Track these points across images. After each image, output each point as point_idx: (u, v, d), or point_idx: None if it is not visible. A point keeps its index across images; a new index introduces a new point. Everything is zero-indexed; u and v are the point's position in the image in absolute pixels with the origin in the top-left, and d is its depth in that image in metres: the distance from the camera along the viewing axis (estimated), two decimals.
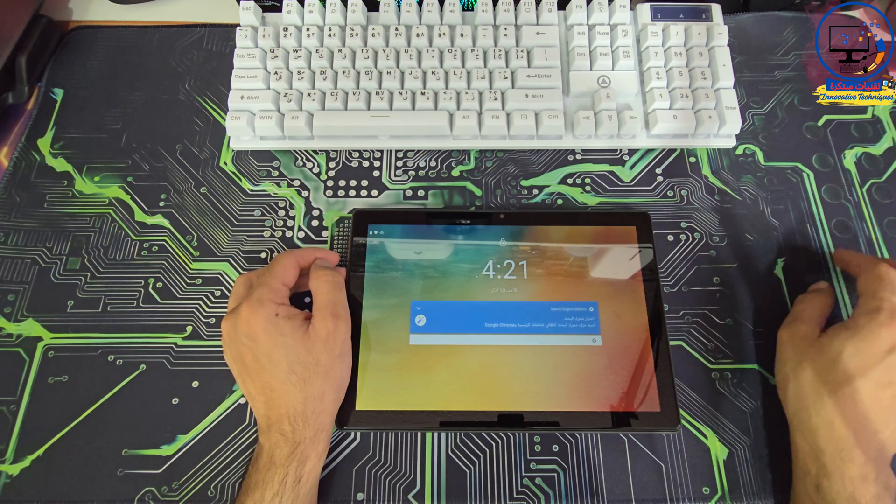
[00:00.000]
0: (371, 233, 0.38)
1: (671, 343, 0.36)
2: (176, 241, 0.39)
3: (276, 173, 0.42)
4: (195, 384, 0.36)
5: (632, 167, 0.42)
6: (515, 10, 0.42)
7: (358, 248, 0.37)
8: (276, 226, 0.40)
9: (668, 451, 0.34)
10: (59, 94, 0.44)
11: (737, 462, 0.34)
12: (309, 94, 0.40)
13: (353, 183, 0.41)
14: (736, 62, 0.44)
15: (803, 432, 0.30)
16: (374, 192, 0.41)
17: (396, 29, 0.42)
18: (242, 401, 0.35)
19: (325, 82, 0.40)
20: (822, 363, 0.30)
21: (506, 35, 0.42)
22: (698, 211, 0.40)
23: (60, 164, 0.42)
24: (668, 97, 0.41)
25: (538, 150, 0.42)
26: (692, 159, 0.42)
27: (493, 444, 0.34)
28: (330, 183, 0.41)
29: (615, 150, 0.42)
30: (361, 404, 0.34)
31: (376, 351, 0.35)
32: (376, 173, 0.42)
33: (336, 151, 0.42)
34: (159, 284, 0.38)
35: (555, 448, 0.34)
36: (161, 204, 0.41)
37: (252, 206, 0.41)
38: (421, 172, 0.42)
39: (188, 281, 0.38)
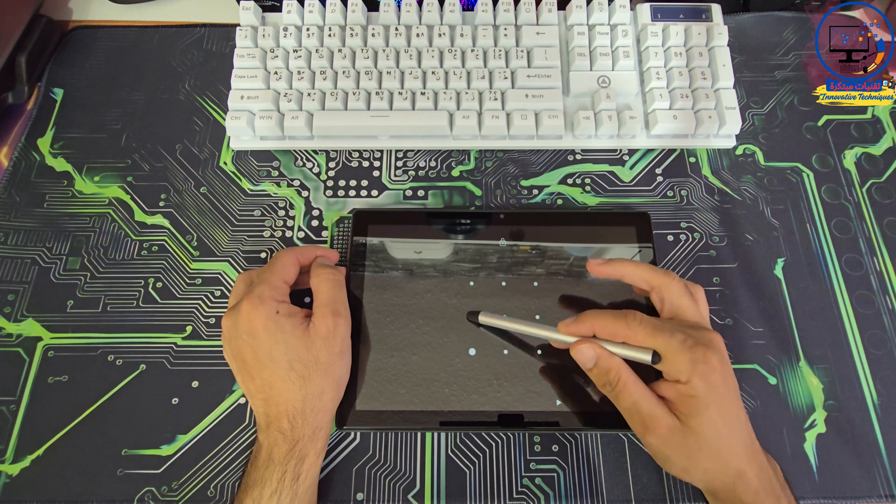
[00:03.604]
0: (371, 232, 0.38)
1: None
2: (176, 241, 0.39)
3: (276, 173, 0.42)
4: (195, 384, 0.36)
5: (632, 167, 0.42)
6: (515, 10, 0.42)
7: (358, 247, 0.37)
8: (276, 226, 0.40)
9: None
10: (59, 93, 0.44)
11: None
12: (309, 94, 0.40)
13: (353, 183, 0.41)
14: (736, 62, 0.44)
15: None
16: (374, 192, 0.41)
17: (396, 29, 0.42)
18: (242, 401, 0.35)
19: (325, 82, 0.40)
20: (706, 445, 0.28)
21: (506, 35, 0.42)
22: (698, 211, 0.40)
23: (60, 164, 0.42)
24: (668, 97, 0.41)
25: (538, 150, 0.42)
26: (692, 159, 0.42)
27: (493, 444, 0.34)
28: (330, 183, 0.41)
29: (615, 150, 0.42)
30: (361, 404, 0.34)
31: (376, 350, 0.35)
32: (376, 173, 0.42)
33: (336, 151, 0.42)
34: (159, 284, 0.38)
35: (555, 448, 0.34)
36: (161, 204, 0.41)
37: (252, 206, 0.41)
38: (421, 172, 0.42)
39: (188, 281, 0.38)
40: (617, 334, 0.30)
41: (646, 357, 0.29)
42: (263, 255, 0.39)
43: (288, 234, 0.40)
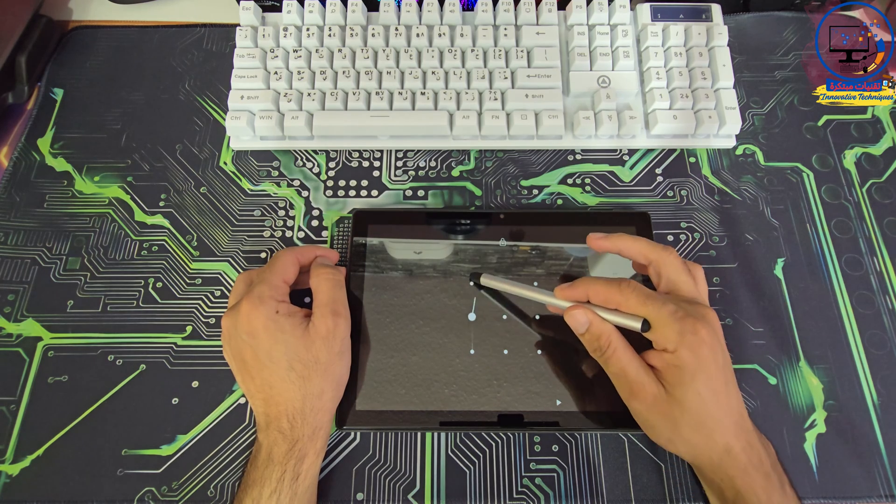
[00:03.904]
0: (371, 232, 0.38)
1: None
2: (176, 241, 0.39)
3: (276, 173, 0.42)
4: (195, 384, 0.36)
5: (632, 167, 0.42)
6: (515, 10, 0.42)
7: (358, 248, 0.37)
8: (275, 226, 0.40)
9: (668, 452, 0.34)
10: (59, 93, 0.44)
11: None
12: (309, 94, 0.40)
13: (353, 183, 0.41)
14: (736, 62, 0.44)
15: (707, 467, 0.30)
16: (374, 192, 0.41)
17: (396, 29, 0.42)
18: (242, 401, 0.35)
19: (325, 82, 0.40)
20: (690, 416, 0.28)
21: (506, 35, 0.42)
22: (698, 211, 0.40)
23: (60, 164, 0.42)
24: (668, 97, 0.41)
25: (538, 150, 0.42)
26: (692, 159, 0.42)
27: (493, 444, 0.34)
28: (330, 183, 0.41)
29: (615, 150, 0.42)
30: (361, 404, 0.34)
31: (376, 351, 0.35)
32: (376, 173, 0.42)
33: (336, 151, 0.42)
34: (159, 284, 0.38)
35: (555, 448, 0.34)
36: (161, 204, 0.41)
37: (252, 206, 0.41)
38: (421, 172, 0.42)
39: (188, 281, 0.38)
40: (610, 300, 0.30)
41: (636, 324, 0.29)
42: (263, 255, 0.39)
43: (288, 234, 0.40)
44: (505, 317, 0.36)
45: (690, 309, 0.29)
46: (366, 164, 0.42)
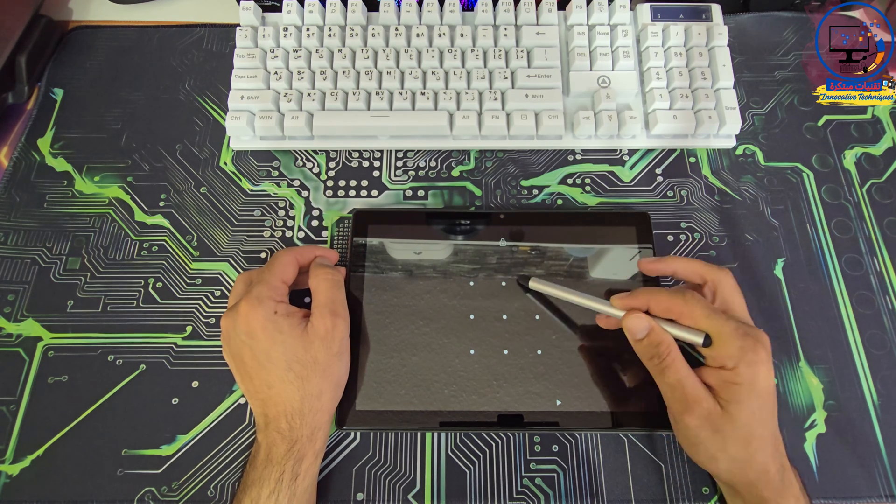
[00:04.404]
0: (371, 233, 0.38)
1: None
2: (176, 241, 0.39)
3: (276, 173, 0.42)
4: (195, 384, 0.36)
5: (632, 167, 0.42)
6: (515, 10, 0.42)
7: (358, 248, 0.37)
8: (275, 226, 0.40)
9: (667, 452, 0.34)
10: (59, 94, 0.44)
11: None
12: (309, 94, 0.40)
13: (353, 183, 0.41)
14: (736, 62, 0.44)
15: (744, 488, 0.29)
16: (374, 192, 0.41)
17: (396, 29, 0.42)
18: (242, 401, 0.35)
19: (325, 82, 0.40)
20: (740, 433, 0.28)
21: (506, 35, 0.42)
22: (698, 211, 0.40)
23: (60, 164, 0.42)
24: (668, 97, 0.41)
25: (538, 151, 0.42)
26: (692, 159, 0.42)
27: (493, 444, 0.34)
28: (330, 183, 0.41)
29: (615, 151, 0.42)
30: (361, 404, 0.34)
31: (376, 351, 0.35)
32: (376, 173, 0.42)
33: (336, 151, 0.42)
34: (159, 284, 0.38)
35: (555, 448, 0.34)
36: (161, 204, 0.41)
37: (252, 206, 0.41)
38: (421, 172, 0.42)
39: (188, 281, 0.38)
40: (672, 310, 0.30)
41: (697, 339, 0.29)
42: (263, 255, 0.39)
43: (288, 234, 0.40)
44: (505, 317, 0.36)
45: (749, 329, 0.29)
46: (366, 164, 0.42)
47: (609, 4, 0.43)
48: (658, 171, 0.41)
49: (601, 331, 0.34)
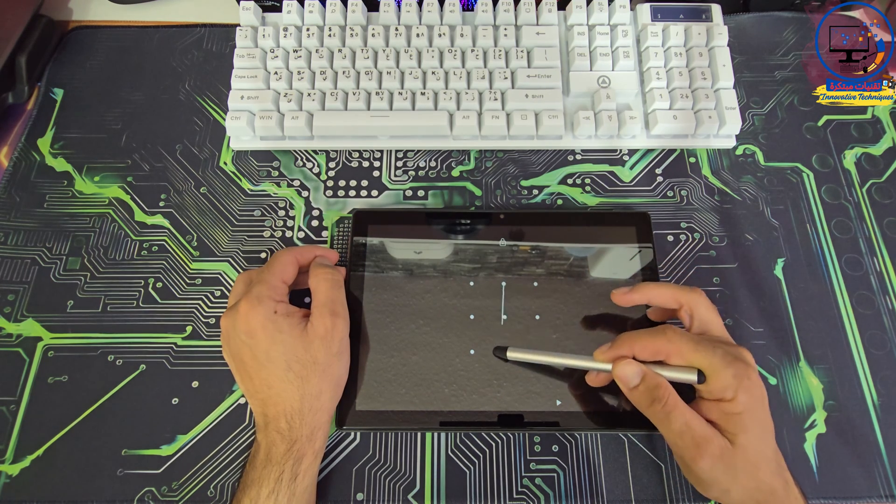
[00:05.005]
0: (371, 233, 0.38)
1: None
2: (176, 241, 0.39)
3: (276, 173, 0.42)
4: (195, 384, 0.36)
5: (632, 167, 0.42)
6: (515, 10, 0.42)
7: (358, 248, 0.37)
8: (275, 226, 0.40)
9: (668, 452, 0.34)
10: (59, 94, 0.44)
11: None
12: (309, 94, 0.40)
13: (353, 183, 0.41)
14: (736, 62, 0.44)
15: None
16: (374, 193, 0.41)
17: (396, 29, 0.42)
18: (242, 401, 0.35)
19: (325, 82, 0.40)
20: (750, 462, 0.28)
21: (506, 35, 0.42)
22: (698, 211, 0.40)
23: (60, 164, 0.42)
24: (668, 97, 0.41)
25: (538, 151, 0.42)
26: (692, 159, 0.42)
27: (493, 444, 0.34)
28: (330, 183, 0.41)
29: (615, 151, 0.42)
30: (361, 404, 0.34)
31: (376, 351, 0.35)
32: (376, 173, 0.42)
33: (336, 151, 0.42)
34: (159, 284, 0.38)
35: (555, 448, 0.34)
36: (161, 204, 0.41)
37: (252, 206, 0.41)
38: (421, 172, 0.42)
39: (188, 281, 0.38)
40: (660, 351, 0.29)
41: (692, 377, 0.28)
42: (263, 255, 0.39)
43: (288, 234, 0.40)
44: (505, 317, 0.36)
45: (733, 351, 0.29)
46: (366, 164, 0.42)
47: (609, 4, 0.43)
48: (658, 171, 0.41)
49: (601, 331, 0.34)
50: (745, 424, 0.28)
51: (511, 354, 0.34)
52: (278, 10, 0.44)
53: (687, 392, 0.29)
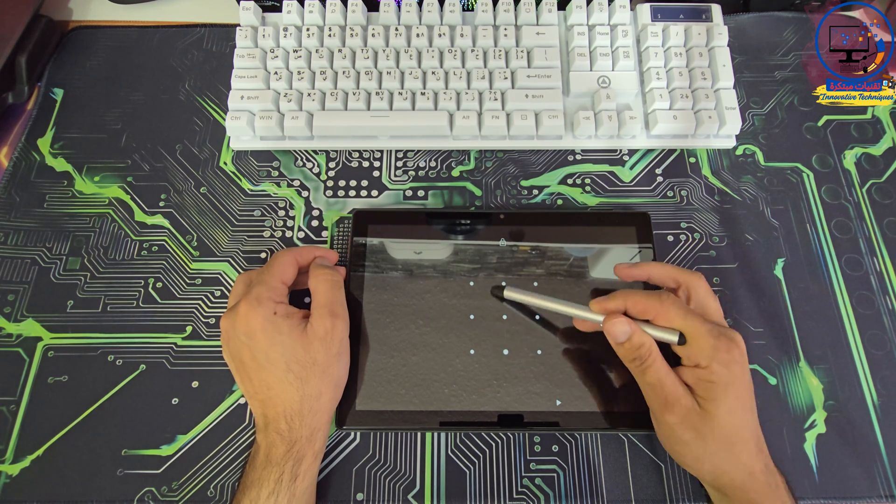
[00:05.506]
0: (371, 233, 0.38)
1: None
2: (176, 241, 0.39)
3: (276, 173, 0.42)
4: (195, 384, 0.36)
5: (632, 167, 0.42)
6: (515, 10, 0.42)
7: (358, 248, 0.37)
8: (276, 226, 0.40)
9: (667, 452, 0.34)
10: (59, 94, 0.44)
11: None
12: (309, 94, 0.40)
13: (353, 183, 0.41)
14: (736, 62, 0.44)
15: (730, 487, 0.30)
16: (374, 193, 0.41)
17: (396, 29, 0.42)
18: (242, 401, 0.35)
19: (325, 82, 0.40)
20: (720, 432, 0.28)
21: (506, 35, 0.42)
22: (698, 211, 0.40)
23: (60, 164, 0.42)
24: (668, 97, 0.41)
25: (538, 151, 0.42)
26: (692, 160, 0.42)
27: (493, 444, 0.34)
28: (330, 183, 0.41)
29: (615, 151, 0.42)
30: (361, 404, 0.34)
31: (376, 351, 0.35)
32: (376, 173, 0.42)
33: (336, 151, 0.42)
34: (159, 284, 0.38)
35: (555, 448, 0.34)
36: (161, 204, 0.41)
37: (252, 206, 0.41)
38: (421, 172, 0.42)
39: (188, 281, 0.38)
40: (649, 311, 0.30)
41: (672, 338, 0.30)
42: (263, 255, 0.39)
43: (288, 234, 0.40)
44: (505, 317, 0.36)
45: (724, 330, 0.30)
46: (366, 164, 0.42)
47: (609, 4, 0.43)
48: (658, 171, 0.41)
49: (601, 331, 0.34)
50: (717, 395, 0.28)
51: (508, 294, 0.34)
52: (278, 10, 0.44)
53: (676, 361, 0.31)
